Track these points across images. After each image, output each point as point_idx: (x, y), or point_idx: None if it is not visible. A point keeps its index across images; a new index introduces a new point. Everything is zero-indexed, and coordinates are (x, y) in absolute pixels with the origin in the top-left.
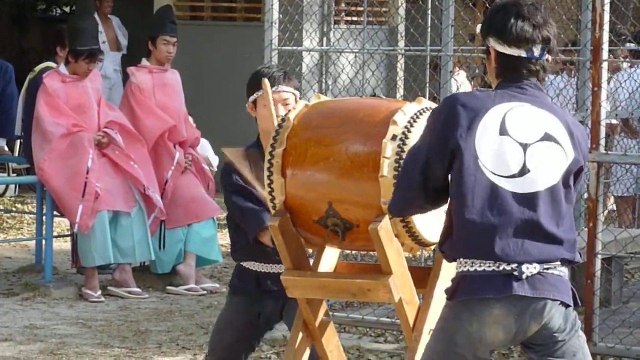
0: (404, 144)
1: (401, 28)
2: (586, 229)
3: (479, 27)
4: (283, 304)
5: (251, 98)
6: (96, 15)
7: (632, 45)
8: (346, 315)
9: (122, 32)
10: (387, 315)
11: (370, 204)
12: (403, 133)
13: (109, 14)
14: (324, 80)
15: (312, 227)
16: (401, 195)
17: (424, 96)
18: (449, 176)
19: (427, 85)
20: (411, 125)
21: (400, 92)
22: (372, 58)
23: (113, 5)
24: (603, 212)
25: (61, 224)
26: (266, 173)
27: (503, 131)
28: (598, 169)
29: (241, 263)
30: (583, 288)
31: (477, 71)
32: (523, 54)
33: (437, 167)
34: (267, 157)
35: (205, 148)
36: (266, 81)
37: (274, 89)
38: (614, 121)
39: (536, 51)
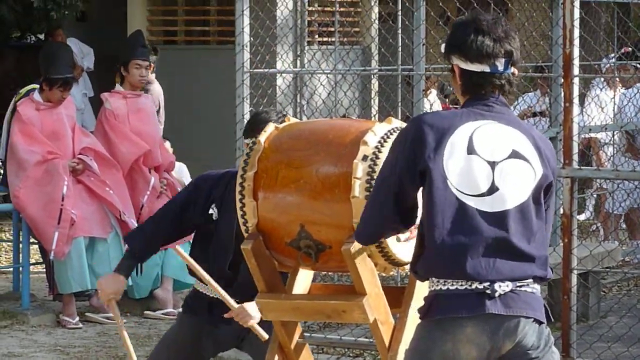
0: (375, 164)
1: (373, 48)
2: (562, 244)
3: (443, 47)
4: (243, 333)
5: (246, 141)
6: None
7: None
8: (324, 336)
9: (84, 51)
10: (365, 336)
11: (343, 224)
12: (374, 153)
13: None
14: (297, 102)
15: (285, 249)
16: (371, 222)
17: (397, 116)
18: (419, 196)
19: (399, 104)
20: (382, 146)
21: (373, 112)
22: (345, 79)
23: (67, 35)
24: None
25: (39, 251)
26: (238, 196)
27: (471, 150)
28: (572, 184)
29: (195, 286)
30: (560, 304)
31: (451, 89)
32: (486, 69)
33: (409, 189)
34: (239, 180)
35: (181, 172)
36: (114, 304)
37: None
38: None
39: (500, 65)
